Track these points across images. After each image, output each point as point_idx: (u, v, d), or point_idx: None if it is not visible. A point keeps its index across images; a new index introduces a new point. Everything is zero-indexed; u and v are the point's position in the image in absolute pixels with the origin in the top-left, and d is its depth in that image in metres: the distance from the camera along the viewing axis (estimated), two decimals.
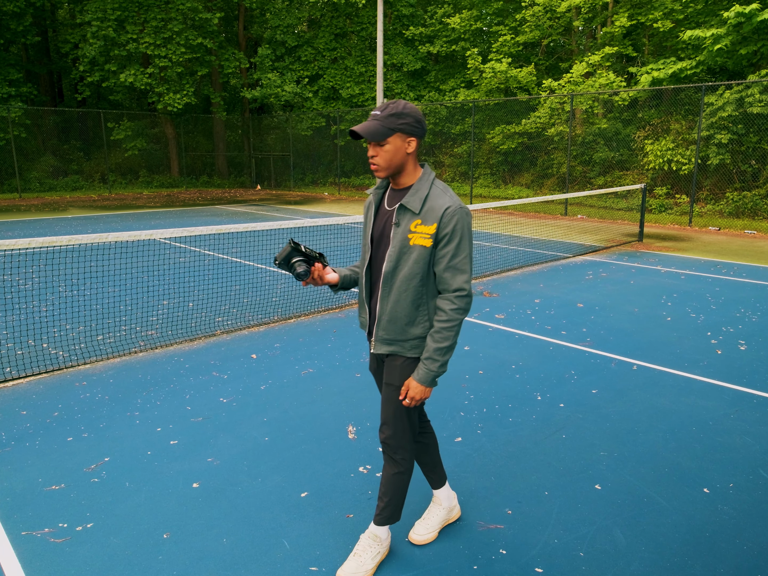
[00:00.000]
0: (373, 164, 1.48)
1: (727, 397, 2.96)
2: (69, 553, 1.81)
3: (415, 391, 1.56)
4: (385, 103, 1.47)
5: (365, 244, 1.62)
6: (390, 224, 1.55)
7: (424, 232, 1.49)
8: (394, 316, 1.57)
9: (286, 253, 1.54)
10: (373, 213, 1.61)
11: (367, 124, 1.45)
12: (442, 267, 1.51)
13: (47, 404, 2.85)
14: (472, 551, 1.81)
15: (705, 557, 1.79)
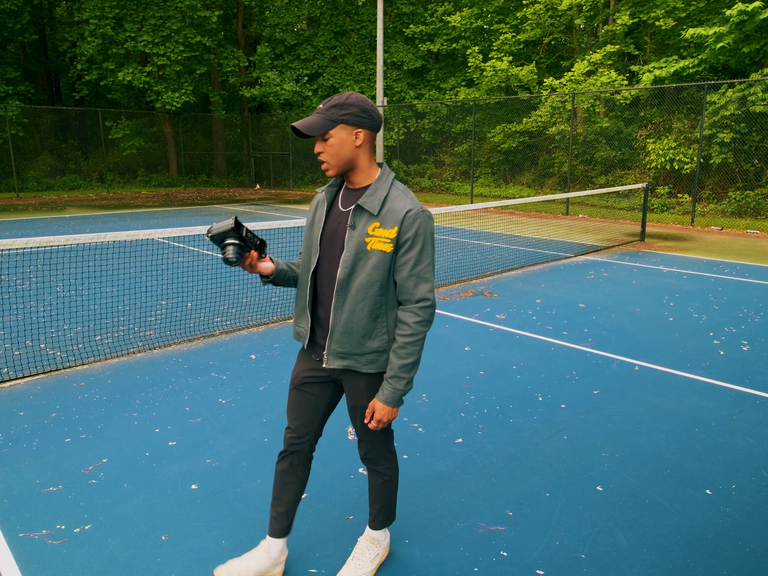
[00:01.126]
0: (322, 162, 1.39)
1: (730, 398, 2.94)
2: (67, 555, 1.80)
3: (381, 414, 1.44)
4: (330, 96, 1.38)
5: (311, 245, 1.47)
6: (344, 226, 1.41)
7: (383, 236, 1.37)
8: (349, 328, 1.42)
9: (222, 230, 1.33)
10: (323, 213, 1.46)
11: (308, 118, 1.35)
12: (404, 275, 1.39)
13: (45, 405, 2.84)
14: (472, 553, 1.80)
15: (707, 559, 1.78)
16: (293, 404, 1.58)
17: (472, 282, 5.60)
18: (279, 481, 1.62)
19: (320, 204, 1.49)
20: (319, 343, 1.51)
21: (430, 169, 16.41)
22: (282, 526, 1.64)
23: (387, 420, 1.45)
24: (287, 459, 1.61)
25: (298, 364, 1.58)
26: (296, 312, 1.54)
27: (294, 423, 1.58)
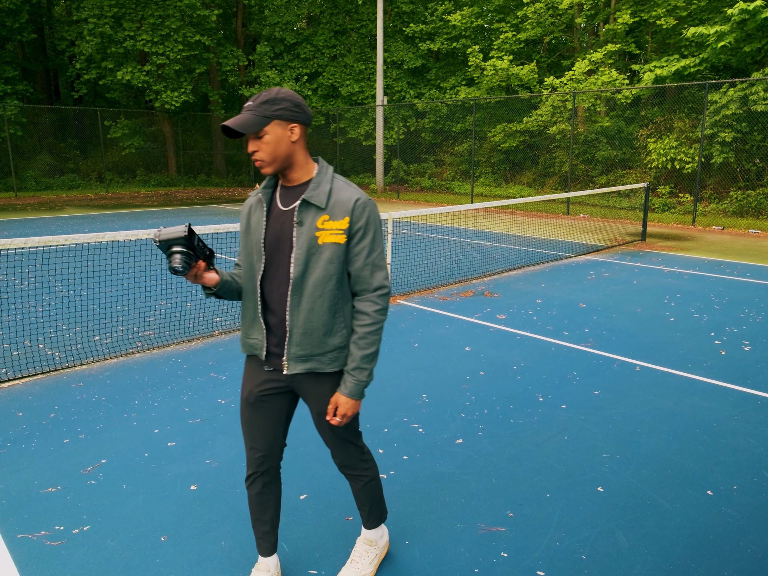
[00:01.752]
0: (257, 160, 1.32)
1: (731, 399, 2.93)
2: (65, 556, 1.80)
3: (345, 407, 1.40)
4: (259, 93, 1.32)
5: (253, 251, 1.39)
6: (289, 225, 1.36)
7: (335, 228, 1.34)
8: (309, 328, 1.38)
9: (172, 237, 1.25)
10: (263, 215, 1.39)
11: (239, 116, 1.30)
12: (359, 265, 1.37)
13: (43, 405, 2.83)
14: (473, 554, 1.80)
15: (708, 560, 1.77)
16: (253, 424, 1.50)
17: (472, 282, 5.59)
18: (256, 502, 1.56)
19: (255, 208, 1.42)
20: (272, 351, 1.44)
21: (430, 169, 16.39)
22: (272, 543, 1.62)
23: (351, 414, 1.42)
24: (258, 480, 1.54)
25: (249, 380, 1.49)
26: (245, 324, 1.46)
27: (257, 443, 1.51)
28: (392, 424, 2.65)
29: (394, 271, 6.04)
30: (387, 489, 2.17)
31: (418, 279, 5.65)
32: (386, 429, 2.61)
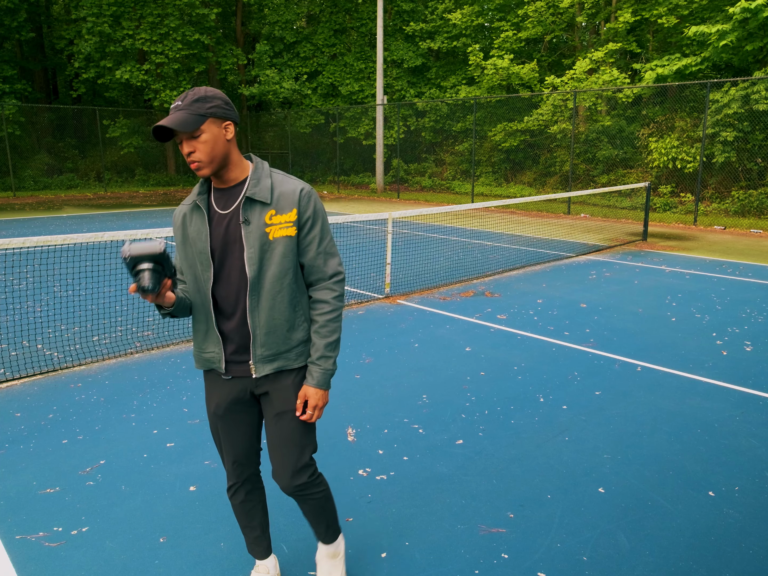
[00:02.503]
0: (194, 162, 1.26)
1: (733, 399, 2.92)
2: (64, 557, 1.79)
3: (315, 399, 1.37)
4: (184, 93, 1.27)
5: (200, 261, 1.33)
6: (235, 226, 1.32)
7: (284, 222, 1.32)
8: (272, 326, 1.35)
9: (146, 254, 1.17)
10: (203, 223, 1.33)
11: (172, 116, 1.23)
12: (312, 254, 1.36)
13: (42, 406, 2.83)
14: (473, 556, 1.79)
15: (710, 562, 1.77)
16: (226, 436, 1.45)
17: (472, 282, 5.57)
18: (241, 511, 1.53)
19: (190, 216, 1.35)
20: (232, 360, 1.39)
21: (430, 168, 16.36)
22: (265, 546, 1.60)
23: (322, 405, 1.39)
24: (240, 490, 1.51)
25: (214, 394, 1.44)
26: (198, 339, 1.41)
27: (233, 455, 1.47)
28: (392, 425, 2.64)
29: (394, 271, 6.02)
30: (387, 490, 2.16)
31: (418, 279, 5.64)
32: (386, 430, 2.60)
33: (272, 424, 1.43)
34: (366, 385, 3.10)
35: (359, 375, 3.23)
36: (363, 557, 1.78)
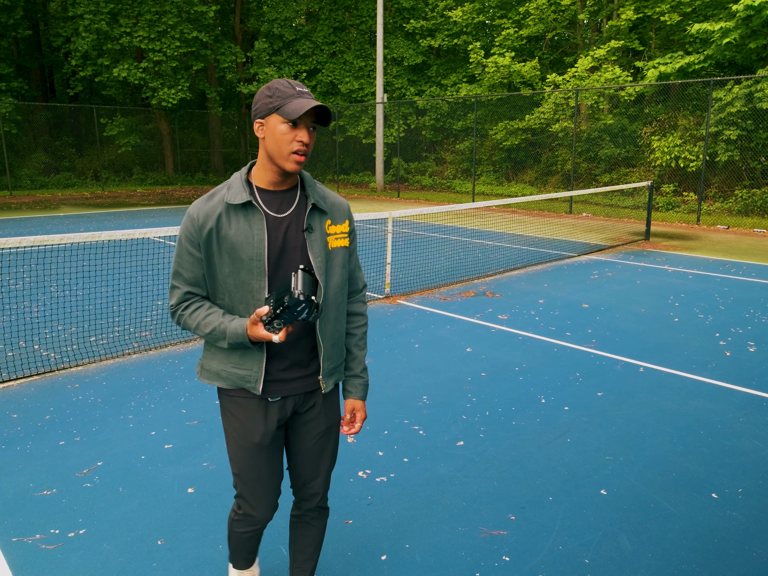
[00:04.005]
0: (305, 154, 1.18)
1: (736, 400, 2.90)
2: (61, 560, 1.78)
3: (364, 411, 1.38)
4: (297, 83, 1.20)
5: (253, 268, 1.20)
6: (294, 233, 1.24)
7: (339, 233, 1.30)
8: (336, 338, 1.32)
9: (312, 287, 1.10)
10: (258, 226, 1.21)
11: (317, 103, 1.18)
12: (353, 266, 1.38)
13: (38, 407, 2.81)
14: (474, 558, 1.78)
15: (713, 564, 1.75)
16: (270, 468, 1.33)
17: (473, 282, 5.55)
18: (251, 542, 1.46)
19: (232, 217, 1.21)
20: (282, 378, 1.28)
21: (430, 167, 16.33)
22: (255, 556, 1.56)
23: (365, 417, 1.41)
24: (256, 533, 1.42)
25: (253, 420, 1.29)
26: (233, 354, 1.26)
27: (275, 487, 1.36)
28: (392, 426, 2.63)
29: (394, 271, 6.01)
30: (387, 492, 2.15)
31: (418, 279, 5.62)
32: (386, 431, 2.59)
33: (317, 438, 1.37)
34: None
35: None
36: (363, 560, 1.77)
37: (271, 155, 1.20)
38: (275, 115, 1.18)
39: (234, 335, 1.20)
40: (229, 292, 1.25)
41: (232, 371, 1.28)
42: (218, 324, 1.22)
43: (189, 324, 1.26)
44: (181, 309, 1.26)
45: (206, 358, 1.31)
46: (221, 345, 1.24)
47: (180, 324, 1.28)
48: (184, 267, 1.24)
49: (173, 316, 1.28)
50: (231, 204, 1.21)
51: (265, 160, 1.22)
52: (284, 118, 1.16)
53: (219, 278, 1.24)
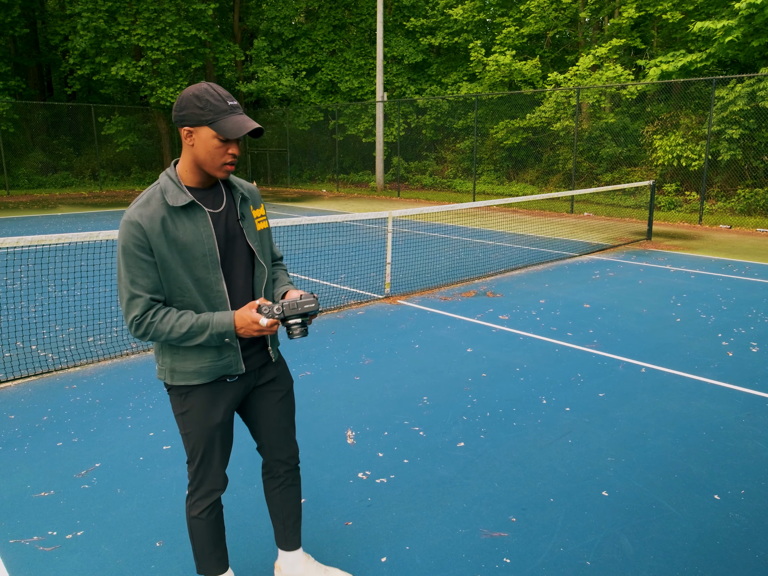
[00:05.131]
0: (234, 164, 1.29)
1: (739, 401, 2.89)
2: (58, 561, 1.77)
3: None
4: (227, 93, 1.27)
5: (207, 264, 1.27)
6: (232, 224, 1.34)
7: (260, 215, 1.44)
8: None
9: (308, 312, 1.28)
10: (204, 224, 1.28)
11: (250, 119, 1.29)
12: (272, 241, 1.54)
13: (36, 408, 2.81)
14: (475, 560, 1.77)
15: (716, 566, 1.74)
16: (223, 443, 1.41)
17: (474, 282, 5.54)
18: (215, 527, 1.47)
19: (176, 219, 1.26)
20: (246, 356, 1.40)
21: (431, 166, 16.30)
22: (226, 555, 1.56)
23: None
24: (216, 508, 1.47)
25: (219, 402, 1.37)
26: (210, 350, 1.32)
27: (226, 461, 1.45)
28: (392, 427, 2.61)
29: (394, 270, 5.99)
30: (387, 493, 2.13)
31: (418, 279, 5.60)
32: (386, 432, 2.58)
33: (278, 404, 1.49)
34: (366, 386, 3.07)
35: (359, 376, 3.20)
36: (362, 562, 1.76)
37: (202, 164, 1.27)
38: (207, 128, 1.23)
39: (219, 325, 1.27)
40: (187, 290, 1.29)
41: (210, 365, 1.35)
42: (195, 321, 1.27)
43: (160, 330, 1.26)
44: (149, 317, 1.26)
45: (176, 361, 1.34)
46: (195, 342, 1.28)
47: (147, 334, 1.26)
48: (140, 275, 1.25)
49: (139, 328, 1.26)
50: (173, 207, 1.26)
51: (193, 165, 1.29)
52: (218, 134, 1.22)
53: (174, 279, 1.27)
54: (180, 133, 1.30)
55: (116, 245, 6.42)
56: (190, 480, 1.46)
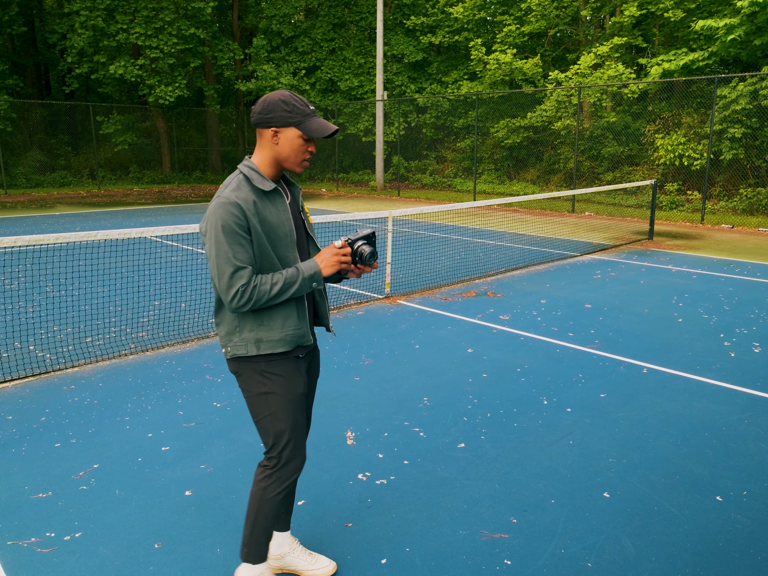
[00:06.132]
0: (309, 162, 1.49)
1: (741, 402, 2.87)
2: (56, 563, 1.77)
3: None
4: (305, 99, 1.46)
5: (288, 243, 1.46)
6: (296, 213, 1.53)
7: (308, 211, 1.65)
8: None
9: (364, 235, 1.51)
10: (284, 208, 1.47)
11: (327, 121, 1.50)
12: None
13: (34, 409, 2.80)
14: (475, 562, 1.76)
15: (718, 568, 1.74)
16: (302, 414, 1.54)
17: (475, 282, 5.52)
18: (277, 509, 1.54)
19: (265, 202, 1.43)
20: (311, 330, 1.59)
21: (431, 166, 16.27)
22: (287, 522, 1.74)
23: None
24: (292, 485, 1.56)
25: (298, 370, 1.52)
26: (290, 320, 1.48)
27: (305, 439, 1.56)
28: (392, 428, 2.61)
29: (394, 270, 5.98)
30: (387, 494, 2.13)
31: (419, 279, 5.59)
32: (386, 433, 2.57)
33: (313, 384, 1.67)
34: (365, 387, 3.06)
35: (358, 377, 3.19)
36: (362, 563, 1.76)
37: (283, 160, 1.45)
38: (294, 129, 1.42)
39: (308, 269, 1.44)
40: (275, 265, 1.46)
41: (293, 332, 1.49)
42: (286, 273, 1.43)
43: (263, 290, 1.40)
44: (253, 282, 1.40)
45: (262, 331, 1.46)
46: (290, 292, 1.43)
47: (251, 299, 1.39)
48: (240, 251, 1.39)
49: (244, 295, 1.38)
50: (261, 191, 1.43)
51: (273, 161, 1.46)
52: (304, 134, 1.42)
53: (266, 255, 1.43)
54: (258, 134, 1.45)
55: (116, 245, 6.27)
56: (275, 464, 1.52)
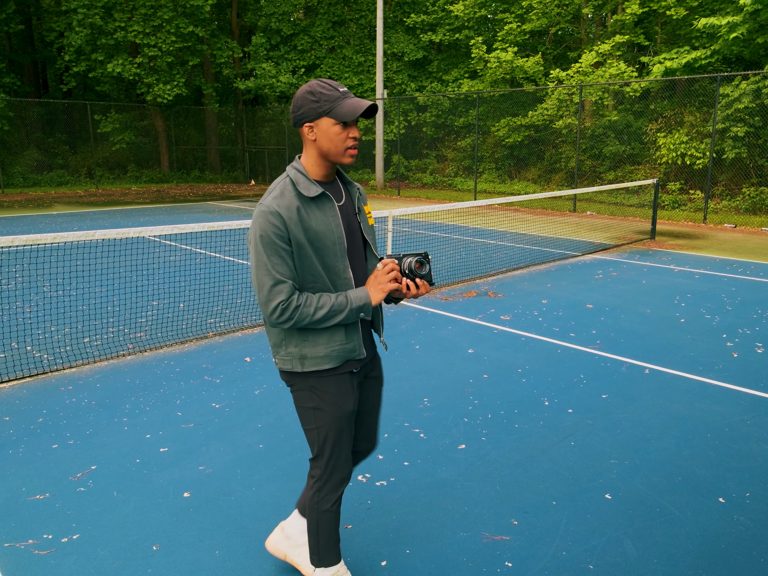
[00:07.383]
0: (356, 147, 1.35)
1: (744, 403, 2.86)
2: (54, 565, 1.76)
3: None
4: (334, 82, 1.35)
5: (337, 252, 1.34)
6: (352, 217, 1.42)
7: (369, 212, 1.50)
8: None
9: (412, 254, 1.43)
10: (333, 214, 1.35)
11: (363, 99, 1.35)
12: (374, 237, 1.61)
13: (31, 410, 2.79)
14: (476, 564, 1.75)
15: (720, 570, 1.73)
16: (350, 435, 1.47)
17: (475, 282, 5.51)
18: (337, 517, 1.53)
19: (309, 209, 1.33)
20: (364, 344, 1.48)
21: (431, 165, 16.25)
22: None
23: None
24: (340, 499, 1.53)
25: (347, 388, 1.43)
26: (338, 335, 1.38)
27: (350, 456, 1.51)
28: (392, 429, 2.59)
29: None
30: (387, 496, 2.11)
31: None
32: (386, 434, 2.56)
33: (375, 397, 1.58)
34: None
35: None
36: (362, 565, 1.75)
37: (327, 154, 1.34)
38: (326, 118, 1.31)
39: (357, 299, 1.35)
40: (319, 276, 1.36)
41: (340, 348, 1.40)
42: (334, 300, 1.34)
43: (305, 312, 1.31)
44: (295, 302, 1.31)
45: (307, 347, 1.38)
46: (335, 320, 1.34)
47: (291, 319, 1.30)
48: (279, 263, 1.30)
49: (284, 312, 1.30)
50: (306, 197, 1.33)
51: (319, 158, 1.35)
52: (337, 120, 1.29)
53: (309, 266, 1.34)
54: (301, 134, 1.35)
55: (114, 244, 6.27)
56: (320, 474, 1.48)
